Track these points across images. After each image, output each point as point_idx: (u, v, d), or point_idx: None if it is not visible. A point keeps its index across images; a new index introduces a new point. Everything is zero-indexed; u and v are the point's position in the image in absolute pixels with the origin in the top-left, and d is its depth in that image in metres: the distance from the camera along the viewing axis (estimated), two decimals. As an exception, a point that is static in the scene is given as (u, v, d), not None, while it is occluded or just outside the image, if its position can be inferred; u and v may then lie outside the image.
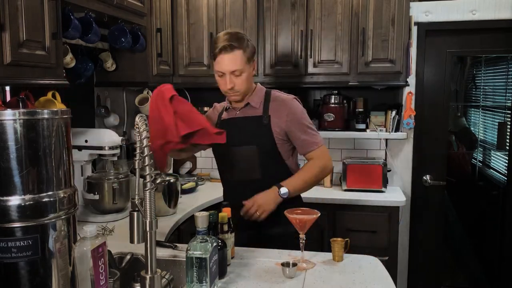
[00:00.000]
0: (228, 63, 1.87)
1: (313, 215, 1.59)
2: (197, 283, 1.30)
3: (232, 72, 1.88)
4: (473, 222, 3.51)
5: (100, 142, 2.30)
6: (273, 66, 3.11)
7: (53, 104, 2.12)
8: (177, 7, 3.15)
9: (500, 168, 3.28)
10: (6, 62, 1.58)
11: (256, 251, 1.77)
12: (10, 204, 1.10)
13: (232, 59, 1.87)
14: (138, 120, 1.22)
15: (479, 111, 3.45)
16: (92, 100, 2.89)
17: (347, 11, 2.96)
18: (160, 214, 2.29)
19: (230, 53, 1.86)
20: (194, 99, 3.57)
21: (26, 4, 1.64)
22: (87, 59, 2.50)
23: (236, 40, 1.87)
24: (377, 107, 3.28)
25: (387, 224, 2.84)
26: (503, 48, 3.11)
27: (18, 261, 1.12)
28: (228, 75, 1.89)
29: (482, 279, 3.52)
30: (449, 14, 3.09)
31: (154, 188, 1.23)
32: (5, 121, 1.09)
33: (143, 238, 1.24)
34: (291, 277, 1.52)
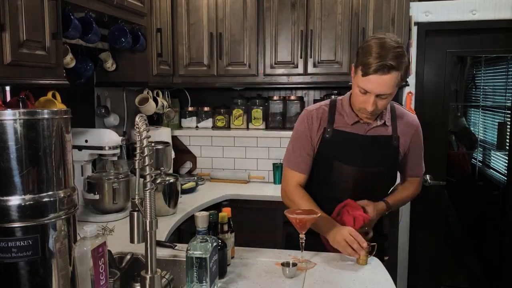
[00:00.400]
0: (378, 86, 1.58)
1: (312, 215, 1.59)
2: (197, 283, 1.30)
3: (378, 94, 1.62)
4: (473, 222, 3.51)
5: (100, 142, 2.30)
6: (273, 66, 3.11)
7: (53, 104, 2.12)
8: (177, 7, 3.15)
9: (500, 168, 3.28)
10: (6, 62, 1.58)
11: (256, 251, 1.77)
12: (10, 204, 1.10)
13: (385, 82, 1.57)
14: (138, 120, 1.22)
15: (479, 111, 3.45)
16: (92, 100, 2.89)
17: (347, 11, 2.96)
18: (160, 214, 2.29)
19: (387, 75, 1.56)
20: (194, 99, 3.58)
21: (26, 4, 1.64)
22: (87, 59, 2.50)
23: (395, 59, 1.55)
24: (377, 107, 3.28)
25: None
26: (503, 48, 3.11)
27: (18, 261, 1.11)
28: (373, 96, 1.61)
29: (482, 279, 3.52)
30: (449, 14, 3.09)
31: (154, 188, 1.23)
32: (5, 121, 1.09)
33: (143, 238, 1.24)
34: (291, 277, 1.52)
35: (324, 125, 1.78)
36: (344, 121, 1.77)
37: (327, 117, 1.79)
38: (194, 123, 3.52)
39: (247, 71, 3.13)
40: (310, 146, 1.80)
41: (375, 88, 1.58)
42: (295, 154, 1.82)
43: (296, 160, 1.82)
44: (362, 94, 1.62)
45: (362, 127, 1.76)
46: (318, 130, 1.78)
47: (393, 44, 1.58)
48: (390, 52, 1.55)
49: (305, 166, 1.82)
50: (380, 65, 1.54)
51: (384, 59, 1.53)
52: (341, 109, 1.79)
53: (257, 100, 3.39)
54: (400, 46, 1.60)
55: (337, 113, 1.79)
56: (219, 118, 3.44)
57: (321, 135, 1.78)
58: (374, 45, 1.58)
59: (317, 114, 1.79)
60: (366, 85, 1.59)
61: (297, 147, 1.81)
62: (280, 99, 3.34)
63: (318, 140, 1.79)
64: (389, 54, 1.55)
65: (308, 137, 1.79)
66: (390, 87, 1.60)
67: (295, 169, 1.82)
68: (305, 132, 1.79)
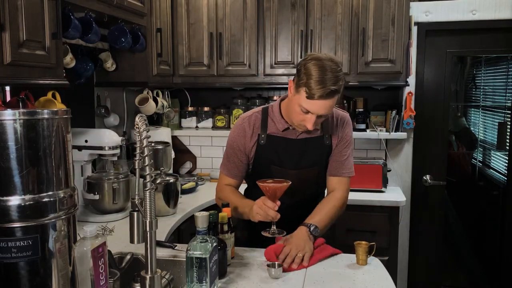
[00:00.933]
0: (325, 108, 1.62)
1: (283, 184, 1.59)
2: (197, 283, 1.30)
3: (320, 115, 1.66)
4: (473, 222, 3.51)
5: (100, 142, 2.30)
6: (273, 66, 3.11)
7: (53, 104, 2.12)
8: (177, 7, 3.15)
9: (500, 168, 3.28)
10: (6, 62, 1.57)
11: (256, 251, 1.77)
12: (10, 204, 1.10)
13: (327, 105, 1.62)
14: (138, 120, 1.22)
15: (479, 111, 3.45)
16: (92, 100, 2.89)
17: (347, 11, 2.96)
18: (160, 214, 2.29)
19: (331, 99, 1.60)
20: (194, 99, 3.58)
21: (26, 4, 1.64)
22: (87, 59, 2.50)
23: (336, 83, 1.58)
24: (377, 107, 3.29)
25: (387, 224, 2.85)
26: (503, 48, 3.11)
27: (18, 261, 1.12)
28: (315, 116, 1.64)
29: (482, 279, 3.52)
30: (449, 14, 3.09)
31: (154, 188, 1.23)
32: (5, 121, 1.09)
33: (143, 238, 1.24)
34: (277, 278, 1.52)
35: (257, 132, 1.83)
36: (275, 127, 1.82)
37: (260, 124, 1.84)
38: (194, 123, 3.52)
39: (247, 71, 3.13)
40: (242, 153, 1.85)
41: (319, 110, 1.62)
42: (228, 160, 1.89)
43: (229, 165, 1.90)
44: (304, 113, 1.65)
45: (292, 132, 1.82)
46: (252, 136, 1.84)
47: (334, 66, 1.60)
48: (333, 76, 1.58)
49: (237, 172, 1.89)
50: (326, 92, 1.57)
51: (328, 84, 1.57)
52: (272, 116, 1.84)
53: (257, 100, 3.39)
54: (340, 67, 1.63)
55: (269, 120, 1.84)
56: (219, 118, 3.44)
57: (255, 142, 1.84)
58: (319, 68, 1.58)
59: (250, 121, 1.84)
60: (310, 107, 1.62)
61: (230, 153, 1.88)
62: (280, 99, 3.34)
63: (253, 146, 1.84)
64: (332, 78, 1.58)
65: (240, 144, 1.84)
66: (331, 109, 1.66)
67: (226, 174, 1.91)
68: (238, 139, 1.85)
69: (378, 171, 2.99)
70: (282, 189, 1.60)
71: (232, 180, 1.91)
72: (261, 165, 1.85)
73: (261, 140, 1.83)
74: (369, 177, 3.00)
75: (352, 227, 2.81)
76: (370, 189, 3.00)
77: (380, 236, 2.80)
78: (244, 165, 1.88)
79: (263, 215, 1.61)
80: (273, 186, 1.58)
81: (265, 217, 1.61)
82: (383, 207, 2.84)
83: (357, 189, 3.01)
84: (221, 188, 1.92)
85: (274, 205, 1.59)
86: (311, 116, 1.64)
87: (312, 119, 1.64)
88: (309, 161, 1.83)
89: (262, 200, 1.63)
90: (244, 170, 1.90)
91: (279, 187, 1.59)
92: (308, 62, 1.61)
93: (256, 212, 1.64)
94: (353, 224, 2.82)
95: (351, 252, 1.72)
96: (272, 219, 1.60)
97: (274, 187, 1.58)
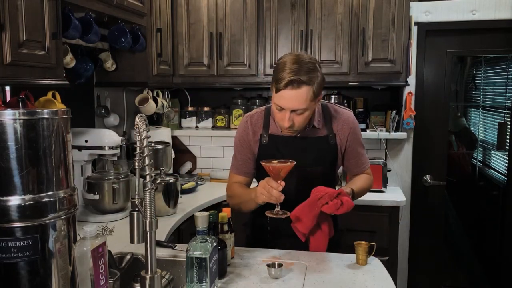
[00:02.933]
0: (291, 101, 1.61)
1: (287, 163, 1.59)
2: (197, 283, 1.30)
3: (293, 110, 1.65)
4: (473, 222, 3.51)
5: (100, 142, 2.30)
6: (273, 66, 3.10)
7: (53, 104, 2.12)
8: (177, 7, 3.15)
9: (500, 168, 3.28)
10: (6, 62, 1.57)
11: (256, 251, 1.77)
12: (10, 204, 1.10)
13: (297, 97, 1.60)
14: (138, 120, 1.22)
15: (479, 111, 3.45)
16: (92, 100, 2.89)
17: (347, 11, 2.96)
18: (160, 214, 2.29)
19: (296, 90, 1.58)
20: (194, 99, 3.58)
21: (26, 4, 1.64)
22: (87, 59, 2.50)
23: (305, 74, 1.58)
24: (377, 107, 3.29)
25: (387, 224, 2.85)
26: (503, 48, 3.11)
27: (18, 261, 1.11)
28: (288, 112, 1.64)
29: (482, 279, 3.52)
30: (449, 14, 3.09)
31: (154, 188, 1.23)
32: (5, 121, 1.09)
33: (143, 238, 1.24)
34: (277, 278, 1.52)
35: (260, 131, 1.85)
36: (276, 127, 1.83)
37: (262, 123, 1.85)
38: (194, 123, 3.52)
39: (247, 71, 3.13)
40: (248, 150, 1.86)
41: (288, 103, 1.61)
42: (236, 159, 1.90)
43: (236, 163, 1.90)
44: (279, 111, 1.66)
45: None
46: (255, 135, 1.85)
47: (305, 59, 1.61)
48: (301, 67, 1.58)
49: (247, 169, 1.89)
50: (290, 80, 1.56)
51: (294, 74, 1.57)
52: (273, 115, 1.82)
53: (257, 100, 3.39)
54: (312, 61, 1.63)
55: (271, 119, 1.84)
56: (219, 118, 3.44)
57: (258, 141, 1.85)
58: (288, 60, 1.61)
59: (252, 120, 1.87)
60: (279, 101, 1.62)
61: (238, 152, 1.89)
62: (280, 99, 3.34)
63: (256, 145, 1.85)
64: (300, 69, 1.58)
65: (246, 142, 1.86)
66: (302, 102, 1.62)
67: (235, 172, 1.91)
68: (243, 137, 1.87)
69: (378, 171, 2.99)
70: (286, 169, 1.58)
71: (240, 177, 1.90)
72: None
73: (263, 139, 1.83)
74: (369, 177, 3.00)
75: (352, 227, 2.81)
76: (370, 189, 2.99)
77: (380, 236, 2.80)
78: (252, 162, 1.88)
79: (267, 195, 1.60)
80: (276, 166, 1.57)
81: (269, 197, 1.60)
82: (383, 207, 2.84)
83: (357, 189, 3.01)
84: (230, 185, 1.92)
85: (278, 185, 1.58)
86: (285, 112, 1.64)
87: (286, 115, 1.64)
88: (312, 160, 1.82)
89: (266, 181, 1.62)
90: (253, 168, 1.89)
91: (283, 167, 1.58)
92: (282, 58, 1.67)
93: (260, 192, 1.63)
94: (353, 224, 2.81)
95: (351, 252, 1.72)
96: (275, 199, 1.59)
97: (278, 167, 1.57)
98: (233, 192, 1.87)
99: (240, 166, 1.89)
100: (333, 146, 1.84)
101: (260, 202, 1.66)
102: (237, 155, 1.89)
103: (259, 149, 1.84)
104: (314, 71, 1.61)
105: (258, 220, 1.90)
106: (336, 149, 1.85)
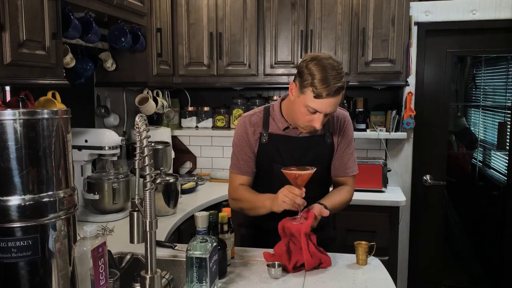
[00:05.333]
0: (330, 106, 1.62)
1: (309, 170, 1.59)
2: (197, 283, 1.30)
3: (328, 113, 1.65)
4: (473, 222, 3.51)
5: (100, 142, 2.30)
6: (273, 66, 3.11)
7: (53, 104, 2.12)
8: (177, 7, 3.15)
9: (500, 168, 3.28)
10: (6, 62, 1.57)
11: (256, 251, 1.77)
12: (10, 204, 1.10)
13: (336, 102, 1.63)
14: (138, 120, 1.22)
15: (479, 111, 3.45)
16: (92, 100, 2.89)
17: (347, 11, 2.96)
18: (160, 214, 2.29)
19: (337, 96, 1.61)
20: (194, 99, 3.58)
21: (26, 4, 1.64)
22: (87, 59, 2.50)
23: (341, 79, 1.60)
24: (377, 107, 3.29)
25: (387, 224, 2.84)
26: (503, 48, 3.11)
27: (18, 261, 1.11)
28: (322, 115, 1.64)
29: (482, 279, 3.52)
30: (449, 14, 3.09)
31: (154, 188, 1.23)
32: (5, 121, 1.09)
33: (143, 238, 1.24)
34: (277, 278, 1.52)
35: (259, 130, 1.84)
36: (276, 126, 1.83)
37: (262, 122, 1.85)
38: (194, 123, 3.52)
39: (247, 71, 3.13)
40: (248, 148, 1.85)
41: (327, 108, 1.63)
42: (237, 158, 1.88)
43: (238, 163, 1.88)
44: (311, 113, 1.65)
45: (293, 131, 1.82)
46: (254, 134, 1.84)
47: (337, 63, 1.63)
48: (341, 73, 1.60)
49: (247, 168, 1.87)
50: (333, 89, 1.57)
51: (334, 82, 1.58)
52: (273, 115, 1.85)
53: (257, 100, 3.39)
54: (339, 64, 1.64)
55: (271, 119, 1.85)
56: (219, 118, 3.44)
57: (258, 140, 1.84)
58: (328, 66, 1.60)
59: (251, 119, 1.86)
60: (318, 106, 1.62)
61: (238, 151, 1.87)
62: (280, 99, 3.34)
63: (256, 144, 1.85)
64: (341, 75, 1.60)
65: (246, 141, 1.85)
66: (337, 106, 1.66)
67: (238, 172, 1.88)
68: (243, 137, 1.85)
69: (378, 171, 2.99)
70: (309, 176, 1.60)
71: (244, 177, 1.88)
72: (264, 163, 1.86)
73: (263, 139, 1.83)
74: (369, 177, 3.00)
75: (352, 227, 2.81)
76: (370, 189, 3.00)
77: (380, 236, 2.80)
78: (253, 161, 1.87)
79: (291, 203, 1.60)
80: (302, 174, 1.58)
81: (292, 204, 1.60)
82: (383, 207, 2.84)
83: (357, 189, 2.97)
84: (235, 189, 1.87)
85: (302, 192, 1.59)
86: (319, 115, 1.64)
87: (320, 118, 1.64)
88: (311, 159, 1.82)
89: (288, 189, 1.61)
90: (254, 166, 1.88)
91: (307, 174, 1.59)
92: (309, 63, 1.62)
93: (282, 200, 1.61)
94: (353, 224, 2.82)
95: (351, 252, 1.72)
96: (298, 206, 1.60)
97: (304, 175, 1.58)
98: (241, 196, 1.84)
99: (242, 166, 1.87)
100: (330, 145, 1.85)
101: (279, 211, 1.65)
102: (238, 155, 1.88)
103: (259, 148, 1.84)
104: (344, 75, 1.64)
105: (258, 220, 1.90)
106: (332, 148, 1.86)
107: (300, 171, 1.59)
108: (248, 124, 1.85)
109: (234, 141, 1.89)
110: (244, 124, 1.86)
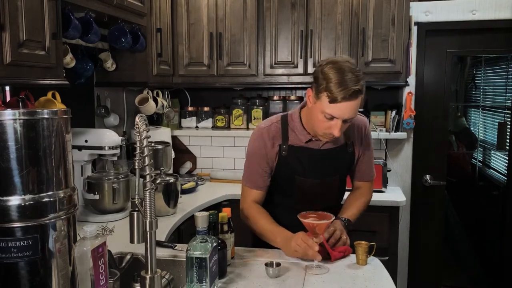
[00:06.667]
0: (348, 111, 1.56)
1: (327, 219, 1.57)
2: (197, 283, 1.30)
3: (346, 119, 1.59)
4: (473, 222, 3.51)
5: (100, 142, 2.30)
6: (273, 66, 3.11)
7: (53, 104, 2.12)
8: (177, 7, 3.15)
9: (500, 168, 3.28)
10: (6, 62, 1.57)
11: (256, 251, 1.77)
12: (10, 204, 1.10)
13: (354, 107, 1.55)
14: (138, 120, 1.22)
15: (479, 111, 3.45)
16: (92, 100, 2.89)
17: (347, 11, 2.96)
18: (160, 214, 2.29)
19: (355, 100, 1.54)
20: (194, 99, 3.59)
21: (26, 4, 1.64)
22: (87, 59, 2.50)
23: (358, 82, 1.53)
24: (377, 107, 3.28)
25: (387, 224, 2.84)
26: (503, 48, 3.11)
27: (18, 261, 1.11)
28: (341, 121, 1.57)
29: (482, 279, 3.52)
30: (449, 14, 3.09)
31: (154, 188, 1.23)
32: (5, 121, 1.09)
33: (143, 238, 1.24)
34: (275, 277, 1.52)
35: (278, 143, 1.77)
36: (297, 138, 1.77)
37: (280, 134, 1.77)
38: (194, 123, 3.52)
39: (247, 71, 3.13)
40: (264, 162, 1.79)
41: (344, 114, 1.56)
42: (251, 172, 1.82)
43: (252, 177, 1.82)
44: (328, 120, 1.59)
45: (315, 142, 1.77)
46: (273, 147, 1.78)
47: (354, 65, 1.58)
48: (358, 76, 1.54)
49: (261, 183, 1.82)
50: (348, 93, 1.51)
51: (350, 85, 1.52)
52: (293, 126, 1.78)
53: (257, 100, 3.39)
54: (357, 67, 1.60)
55: (290, 130, 1.78)
56: (219, 118, 3.44)
57: (277, 153, 1.78)
58: (346, 68, 1.55)
59: (269, 132, 1.78)
60: (334, 111, 1.56)
61: (253, 164, 1.81)
62: (280, 99, 3.35)
63: (275, 157, 1.78)
64: (358, 78, 1.54)
65: (263, 155, 1.78)
66: (356, 111, 1.59)
67: (251, 187, 1.83)
68: (260, 149, 1.78)
69: (378, 171, 2.97)
70: (327, 225, 1.59)
71: (258, 192, 1.82)
72: (284, 176, 1.80)
73: (283, 151, 1.77)
74: (369, 177, 3.00)
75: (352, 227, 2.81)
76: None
77: (380, 236, 2.80)
78: (268, 175, 1.81)
79: (302, 253, 1.58)
80: (321, 224, 1.55)
81: (303, 255, 1.59)
82: (383, 207, 2.84)
83: (357, 189, 3.01)
84: (249, 206, 1.82)
85: (316, 244, 1.55)
86: (337, 122, 1.58)
87: (338, 124, 1.58)
88: (333, 170, 1.79)
89: (302, 238, 1.58)
90: (268, 180, 1.82)
91: (325, 224, 1.56)
92: (324, 67, 1.58)
93: (294, 249, 1.60)
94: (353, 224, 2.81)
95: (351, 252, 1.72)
96: (310, 258, 1.58)
97: (321, 224, 1.55)
98: (253, 219, 1.79)
99: (257, 180, 1.81)
100: (351, 154, 1.82)
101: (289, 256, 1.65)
102: (253, 169, 1.81)
103: (279, 160, 1.78)
104: (363, 78, 1.57)
105: None
106: (353, 157, 1.83)
107: (317, 220, 1.56)
108: (266, 137, 1.77)
109: (249, 153, 1.82)
110: (261, 136, 1.78)
